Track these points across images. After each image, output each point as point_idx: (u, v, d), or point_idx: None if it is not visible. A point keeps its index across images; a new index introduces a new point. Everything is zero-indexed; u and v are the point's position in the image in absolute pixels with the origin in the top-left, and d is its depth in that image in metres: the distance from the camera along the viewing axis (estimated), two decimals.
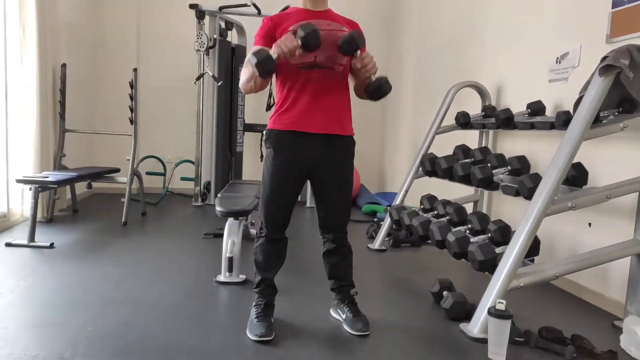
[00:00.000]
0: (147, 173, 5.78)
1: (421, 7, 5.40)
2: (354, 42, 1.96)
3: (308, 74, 2.03)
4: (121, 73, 5.39)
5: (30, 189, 3.36)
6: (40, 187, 3.38)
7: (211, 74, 5.01)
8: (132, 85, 4.32)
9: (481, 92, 3.71)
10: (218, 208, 2.76)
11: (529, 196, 2.39)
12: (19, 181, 3.42)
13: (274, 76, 2.10)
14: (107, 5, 5.76)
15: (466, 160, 3.16)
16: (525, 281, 2.16)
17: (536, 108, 3.02)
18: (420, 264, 3.50)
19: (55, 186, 3.53)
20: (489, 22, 3.95)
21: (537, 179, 2.35)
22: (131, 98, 4.33)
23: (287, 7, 2.31)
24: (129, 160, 4.34)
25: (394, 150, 5.94)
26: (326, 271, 2.28)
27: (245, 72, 2.02)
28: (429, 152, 3.61)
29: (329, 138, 2.07)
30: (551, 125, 2.68)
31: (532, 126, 2.88)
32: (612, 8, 2.58)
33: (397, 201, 3.71)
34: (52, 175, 3.52)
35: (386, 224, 3.75)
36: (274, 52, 1.87)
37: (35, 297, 2.46)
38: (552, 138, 3.00)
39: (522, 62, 3.47)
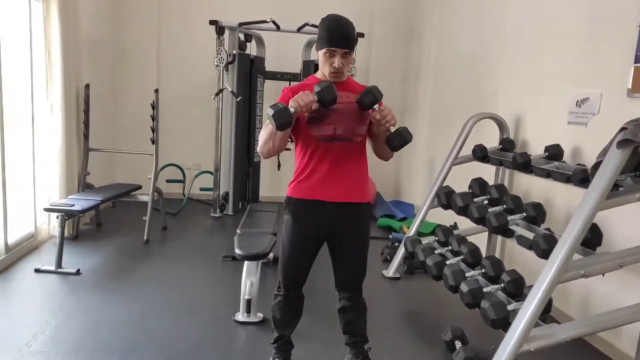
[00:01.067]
0: (167, 181, 5.92)
1: (440, 22, 5.34)
2: (372, 96, 2.01)
3: (328, 145, 2.07)
4: (142, 87, 5.50)
5: (57, 217, 3.49)
6: (66, 215, 3.51)
7: (230, 90, 5.06)
8: (153, 107, 4.40)
9: (500, 124, 3.70)
10: (237, 251, 2.84)
11: (542, 256, 2.42)
12: (46, 210, 3.56)
13: (293, 143, 2.15)
14: (128, 20, 5.84)
15: (482, 199, 3.19)
16: (536, 345, 2.20)
17: (554, 152, 3.02)
18: (434, 296, 3.55)
19: (81, 215, 3.65)
20: (509, 48, 3.91)
21: (551, 240, 2.38)
22: (152, 119, 4.41)
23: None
24: (150, 179, 4.45)
25: (410, 159, 5.96)
26: (341, 326, 2.36)
27: (263, 134, 2.07)
28: (445, 184, 3.63)
29: (346, 206, 2.13)
30: (567, 179, 2.68)
31: (548, 174, 2.88)
32: (635, 63, 2.55)
33: (412, 231, 3.76)
34: (78, 202, 3.64)
35: (401, 251, 3.80)
36: (291, 106, 1.91)
37: (66, 339, 2.59)
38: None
39: (542, 97, 3.45)
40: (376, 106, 2.00)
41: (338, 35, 1.97)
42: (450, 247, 3.24)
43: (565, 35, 3.19)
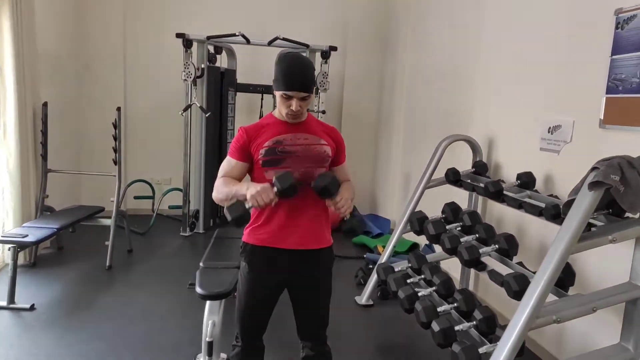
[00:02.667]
0: (136, 197, 5.72)
1: (415, 35, 5.24)
2: (327, 192, 1.87)
3: None
4: (109, 103, 5.29)
5: (8, 249, 3.29)
6: (19, 247, 3.31)
7: (199, 105, 4.89)
8: (115, 126, 4.20)
9: (473, 146, 3.61)
10: (198, 289, 2.69)
11: (514, 297, 2.33)
12: None
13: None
14: (92, 34, 5.60)
15: (455, 226, 3.10)
16: None
17: (526, 181, 2.94)
18: (409, 326, 3.39)
19: (35, 245, 3.46)
20: (483, 67, 3.83)
21: (523, 282, 2.29)
22: (115, 139, 4.22)
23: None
24: (113, 201, 4.25)
25: (386, 173, 5.86)
26: None
27: (221, 189, 1.92)
28: (419, 206, 3.53)
29: (305, 254, 2.00)
30: (540, 212, 2.60)
31: (520, 206, 2.80)
32: (607, 93, 2.47)
33: (385, 256, 3.65)
34: (32, 232, 3.44)
35: (374, 278, 3.69)
36: (249, 202, 1.79)
37: None
38: None
39: (514, 120, 3.38)
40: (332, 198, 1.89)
41: (295, 79, 1.84)
42: (423, 276, 3.14)
43: (540, 60, 3.11)
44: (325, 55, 5.07)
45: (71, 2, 5.32)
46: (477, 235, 2.96)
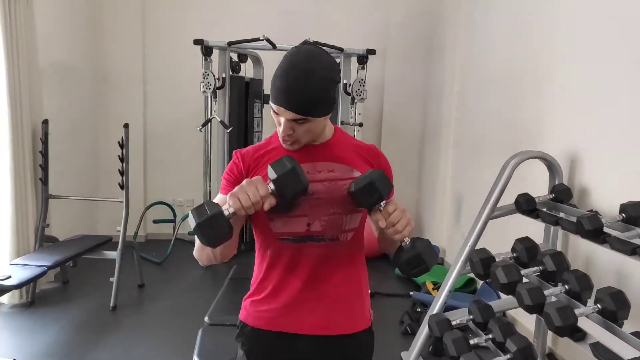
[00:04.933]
0: (155, 221, 5.23)
1: (467, 35, 4.52)
2: (373, 192, 1.19)
3: (298, 249, 1.30)
4: (127, 117, 4.79)
5: None
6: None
7: (219, 120, 4.33)
8: (122, 145, 3.68)
9: (551, 166, 2.86)
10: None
11: None
12: None
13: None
14: (109, 44, 5.16)
15: (532, 271, 2.36)
16: None
17: (635, 215, 2.17)
18: None
19: (18, 288, 2.95)
20: (561, 66, 3.07)
21: None
22: (121, 160, 3.69)
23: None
24: (119, 231, 3.72)
25: (433, 193, 5.11)
26: None
27: (207, 253, 1.32)
28: (477, 246, 2.80)
29: (332, 341, 1.34)
30: None
31: (634, 251, 2.04)
32: None
33: (438, 306, 2.92)
34: (18, 272, 2.93)
35: (424, 331, 2.97)
36: (229, 205, 1.13)
37: None
38: None
39: (611, 131, 2.61)
40: (382, 203, 1.20)
41: (287, 89, 1.18)
42: (490, 336, 2.41)
43: None
44: (362, 60, 4.42)
45: (85, 11, 4.91)
46: (566, 287, 2.21)
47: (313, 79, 1.18)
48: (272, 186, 1.14)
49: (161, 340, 3.12)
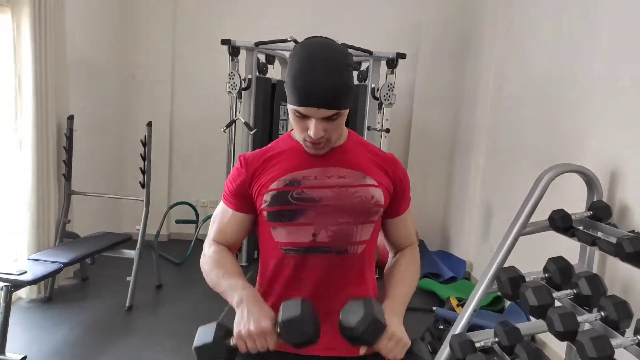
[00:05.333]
0: (177, 221, 5.21)
1: (506, 37, 4.32)
2: (360, 340, 1.08)
3: (302, 260, 1.19)
4: (155, 116, 4.79)
5: (0, 289, 2.76)
6: (13, 286, 2.77)
7: (243, 121, 4.26)
8: (144, 144, 3.65)
9: (589, 181, 2.65)
10: None
11: None
12: None
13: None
14: (138, 40, 5.15)
15: (564, 295, 2.17)
16: None
17: None
18: None
19: (33, 284, 2.93)
20: (606, 74, 2.86)
21: None
22: (143, 158, 3.66)
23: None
24: (138, 230, 3.68)
25: (461, 203, 4.91)
26: None
27: (211, 277, 1.24)
28: (506, 264, 2.62)
29: None
30: None
31: None
32: None
33: (461, 325, 2.75)
34: (34, 268, 2.91)
35: (446, 351, 2.80)
36: (235, 338, 1.06)
37: None
38: None
39: None
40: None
41: (315, 86, 1.08)
42: None
43: None
44: (392, 63, 4.28)
45: (116, 8, 4.92)
46: (602, 314, 2.02)
47: (337, 67, 1.09)
48: (280, 333, 1.05)
49: (173, 347, 3.04)
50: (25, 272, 2.81)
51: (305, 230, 1.16)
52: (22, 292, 3.46)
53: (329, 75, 1.07)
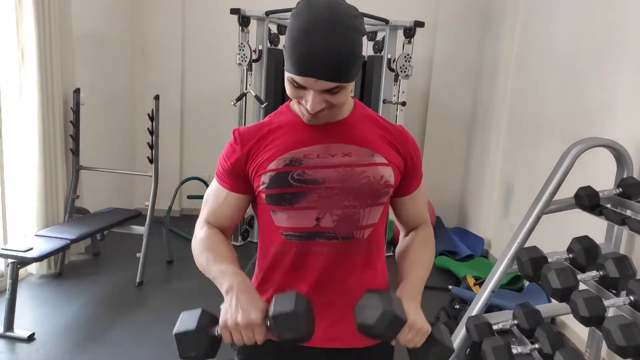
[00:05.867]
0: (189, 197, 5.15)
1: (529, 5, 4.07)
2: (377, 337, 0.97)
3: (305, 247, 1.07)
4: (165, 89, 4.68)
5: (7, 265, 2.73)
6: (19, 263, 2.73)
7: (254, 94, 4.13)
8: (152, 117, 3.55)
9: (619, 156, 2.48)
10: None
11: None
12: None
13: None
14: (147, 12, 5.00)
15: (589, 278, 2.04)
16: None
17: None
18: None
19: (39, 261, 2.89)
20: (635, 41, 2.65)
21: None
22: (151, 133, 3.57)
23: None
24: (147, 206, 3.62)
25: (480, 181, 4.75)
26: None
27: (201, 262, 1.13)
28: (528, 243, 2.48)
29: (340, 355, 1.12)
30: None
31: None
32: None
33: (478, 306, 2.64)
34: (40, 244, 2.87)
35: (462, 332, 2.70)
36: (220, 328, 0.95)
37: None
38: None
39: None
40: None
41: (315, 53, 0.94)
42: (537, 346, 2.13)
43: None
44: (409, 33, 4.08)
45: None
46: (631, 299, 1.89)
47: (343, 33, 0.94)
48: (269, 323, 0.94)
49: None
50: (31, 249, 2.78)
51: (308, 214, 1.05)
52: (32, 268, 3.45)
53: (332, 42, 0.93)
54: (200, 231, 1.13)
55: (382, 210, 1.09)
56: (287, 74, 0.99)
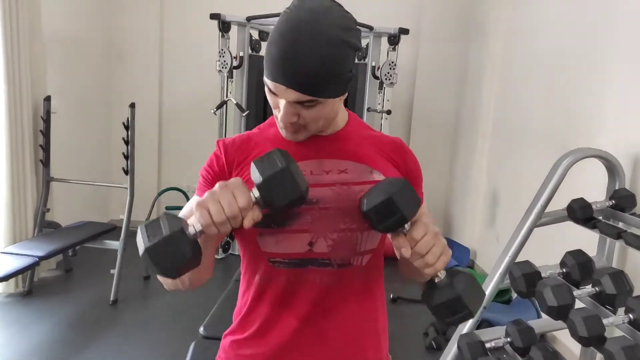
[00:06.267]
0: (167, 208, 4.96)
1: (513, 14, 4.04)
2: (391, 212, 0.82)
3: (296, 274, 0.96)
4: (142, 97, 4.52)
5: None
6: None
7: (235, 102, 4.00)
8: (127, 127, 3.39)
9: (611, 167, 2.43)
10: None
11: None
12: None
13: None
14: (124, 17, 4.84)
15: (585, 294, 1.97)
16: None
17: None
18: None
19: (4, 281, 2.70)
20: (622, 46, 2.62)
21: None
22: (126, 143, 3.41)
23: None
24: (122, 219, 3.46)
25: (465, 187, 4.69)
26: None
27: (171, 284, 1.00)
28: (519, 258, 2.41)
29: None
30: None
31: None
32: None
33: (469, 323, 2.55)
34: (7, 262, 2.70)
35: (452, 349, 2.61)
36: (195, 220, 0.79)
37: None
38: None
39: None
40: (406, 225, 0.84)
41: (288, 60, 0.84)
42: None
43: None
44: (394, 40, 4.01)
45: None
46: (630, 317, 1.82)
47: (321, 42, 0.83)
48: (256, 193, 0.80)
49: (157, 344, 2.85)
50: None
51: (299, 238, 0.93)
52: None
53: (310, 51, 0.83)
54: None
55: (380, 236, 0.98)
56: (264, 78, 0.89)
